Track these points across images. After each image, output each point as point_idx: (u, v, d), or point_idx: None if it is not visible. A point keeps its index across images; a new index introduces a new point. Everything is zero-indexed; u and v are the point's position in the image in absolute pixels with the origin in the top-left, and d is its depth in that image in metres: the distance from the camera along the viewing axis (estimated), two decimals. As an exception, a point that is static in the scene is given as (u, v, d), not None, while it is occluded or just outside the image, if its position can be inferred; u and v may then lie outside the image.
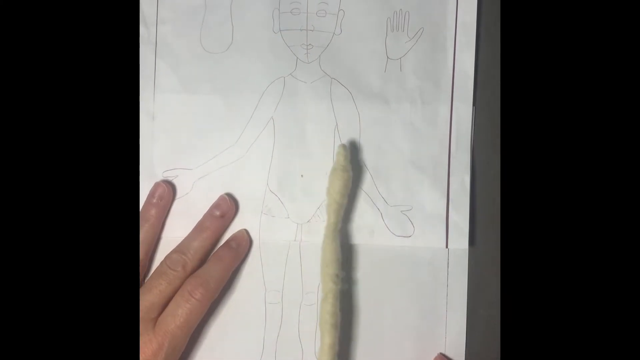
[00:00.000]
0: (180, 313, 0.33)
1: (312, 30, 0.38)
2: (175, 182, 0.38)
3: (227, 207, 0.37)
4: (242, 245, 0.37)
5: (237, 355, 0.37)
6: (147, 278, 0.36)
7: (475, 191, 0.38)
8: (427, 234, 0.37)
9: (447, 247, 0.37)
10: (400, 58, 0.38)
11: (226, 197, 0.37)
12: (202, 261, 0.36)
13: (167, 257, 0.35)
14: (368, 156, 0.38)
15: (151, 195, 0.37)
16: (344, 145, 0.36)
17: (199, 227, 0.37)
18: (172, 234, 0.38)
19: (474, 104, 0.38)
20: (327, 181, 0.35)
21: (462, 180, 0.38)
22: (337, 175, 0.35)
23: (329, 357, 0.34)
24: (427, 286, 0.37)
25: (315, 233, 0.37)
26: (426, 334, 0.37)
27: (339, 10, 0.38)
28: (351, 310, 0.37)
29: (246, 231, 0.38)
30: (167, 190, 0.37)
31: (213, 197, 0.38)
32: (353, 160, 0.37)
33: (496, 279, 0.37)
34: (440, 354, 0.37)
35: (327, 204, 0.35)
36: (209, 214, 0.37)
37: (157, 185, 0.37)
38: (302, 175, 0.38)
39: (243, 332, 0.37)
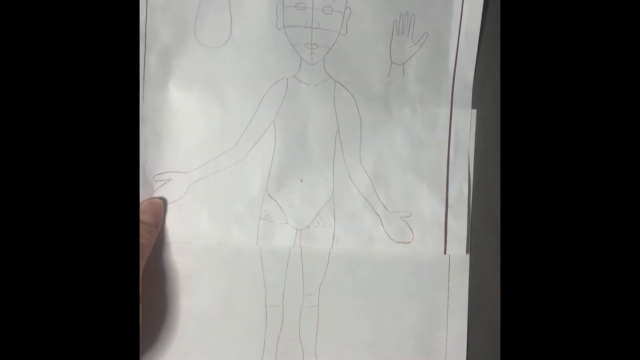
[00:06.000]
0: None
1: (317, 28, 0.36)
2: (168, 185, 0.36)
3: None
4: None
5: (238, 357, 0.37)
6: None
7: (474, 198, 0.38)
8: (426, 241, 0.38)
9: (445, 253, 0.38)
10: (403, 63, 0.37)
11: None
12: None
13: None
14: (368, 162, 0.37)
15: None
16: None
17: None
18: (165, 239, 0.36)
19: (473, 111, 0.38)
20: None
21: (460, 187, 0.38)
22: None
23: None
24: (426, 292, 0.38)
25: (315, 239, 0.37)
26: (426, 341, 0.38)
27: (345, 8, 0.36)
28: (352, 315, 0.38)
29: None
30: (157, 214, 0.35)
31: (209, 202, 0.36)
32: (354, 164, 0.37)
33: (494, 286, 0.38)
34: None
35: None
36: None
37: (143, 209, 0.35)
38: (301, 180, 0.37)
39: (244, 334, 0.37)
